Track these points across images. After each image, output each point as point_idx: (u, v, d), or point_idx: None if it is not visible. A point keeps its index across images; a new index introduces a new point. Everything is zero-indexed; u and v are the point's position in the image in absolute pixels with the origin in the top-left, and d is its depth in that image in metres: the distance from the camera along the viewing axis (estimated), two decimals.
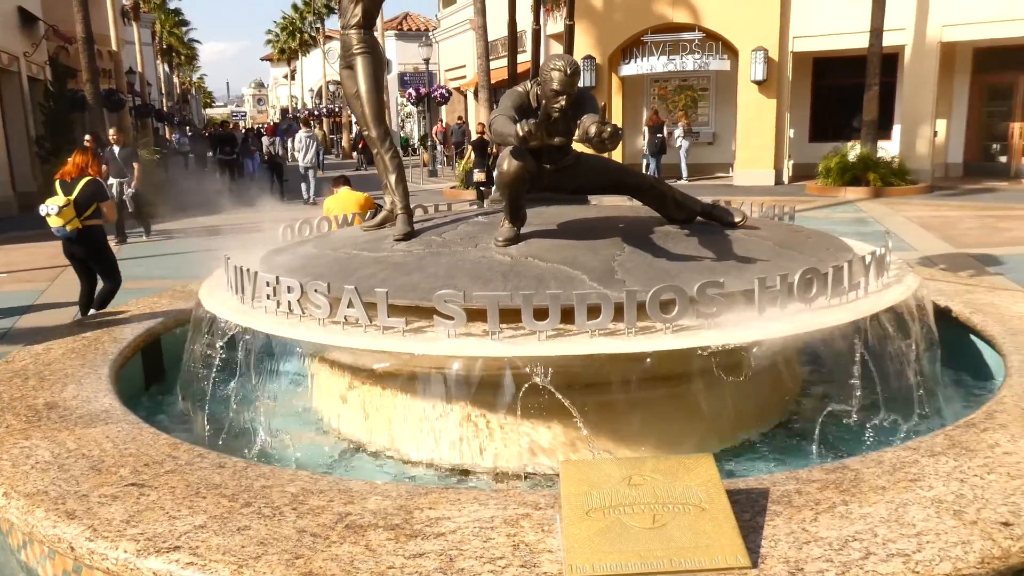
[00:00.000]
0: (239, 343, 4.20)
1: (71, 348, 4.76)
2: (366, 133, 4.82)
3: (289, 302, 3.73)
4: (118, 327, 5.19)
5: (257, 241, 5.30)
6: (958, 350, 4.68)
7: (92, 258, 7.01)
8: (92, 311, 6.83)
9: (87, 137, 12.93)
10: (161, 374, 5.28)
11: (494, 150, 15.68)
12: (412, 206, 4.80)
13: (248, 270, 4.07)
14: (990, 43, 18.10)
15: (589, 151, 3.80)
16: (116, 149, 13.25)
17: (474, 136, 16.98)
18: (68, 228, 6.62)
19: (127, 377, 4.67)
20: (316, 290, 3.60)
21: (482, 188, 15.67)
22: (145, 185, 13.49)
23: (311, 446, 4.33)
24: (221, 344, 4.30)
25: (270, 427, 4.35)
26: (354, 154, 34.93)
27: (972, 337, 4.62)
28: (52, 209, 6.52)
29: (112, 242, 8.56)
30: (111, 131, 14.40)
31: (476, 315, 3.36)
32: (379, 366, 3.86)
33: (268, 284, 3.86)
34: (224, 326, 4.13)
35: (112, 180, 12.57)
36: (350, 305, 3.50)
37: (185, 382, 4.68)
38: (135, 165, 13.18)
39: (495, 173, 3.93)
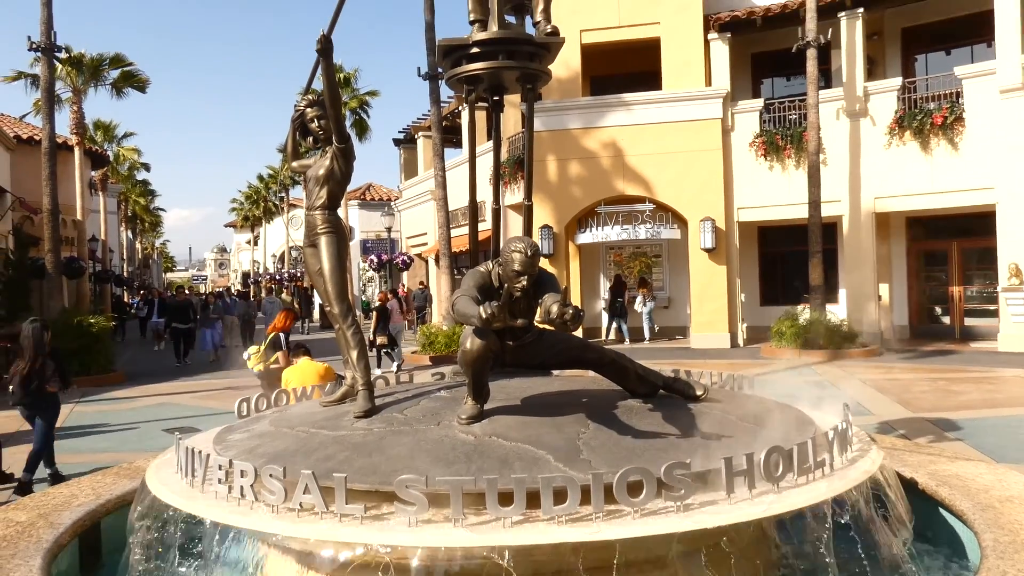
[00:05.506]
0: (185, 528, 3.98)
1: (2, 536, 4.44)
2: (328, 309, 4.85)
3: (241, 487, 3.56)
4: (56, 511, 4.88)
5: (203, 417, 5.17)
6: (926, 523, 4.60)
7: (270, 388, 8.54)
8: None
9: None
10: (98, 560, 4.92)
11: (394, 313, 16.55)
12: (373, 377, 4.76)
13: (199, 451, 3.91)
14: (921, 213, 19.29)
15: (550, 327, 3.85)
16: None
17: (378, 302, 17.99)
18: (256, 369, 8.98)
19: (64, 563, 4.37)
20: (271, 475, 3.46)
21: (384, 351, 16.61)
22: None
23: None
24: (164, 529, 4.06)
25: None
26: (307, 321, 34.57)
27: (940, 510, 4.56)
28: (248, 355, 9.13)
29: None
30: None
31: (439, 499, 3.24)
32: (332, 555, 3.64)
33: (220, 467, 3.70)
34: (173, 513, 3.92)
35: None
36: (306, 491, 3.35)
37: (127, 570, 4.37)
38: None
39: (459, 352, 3.93)
